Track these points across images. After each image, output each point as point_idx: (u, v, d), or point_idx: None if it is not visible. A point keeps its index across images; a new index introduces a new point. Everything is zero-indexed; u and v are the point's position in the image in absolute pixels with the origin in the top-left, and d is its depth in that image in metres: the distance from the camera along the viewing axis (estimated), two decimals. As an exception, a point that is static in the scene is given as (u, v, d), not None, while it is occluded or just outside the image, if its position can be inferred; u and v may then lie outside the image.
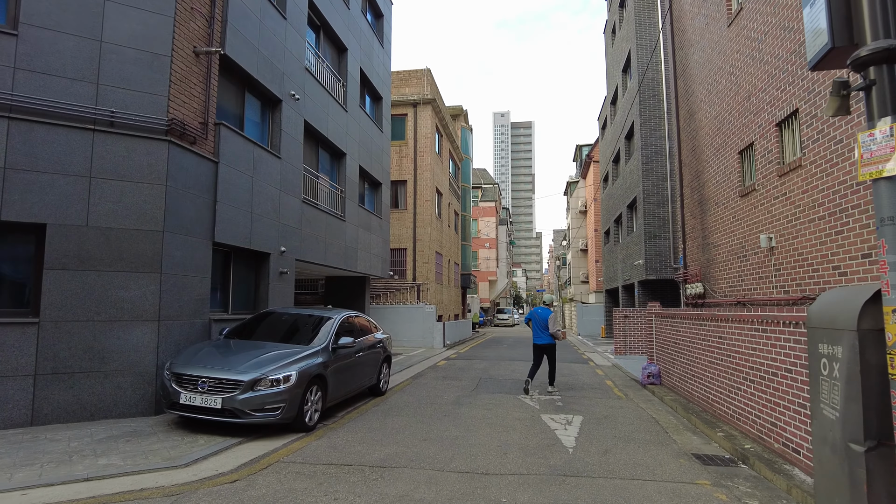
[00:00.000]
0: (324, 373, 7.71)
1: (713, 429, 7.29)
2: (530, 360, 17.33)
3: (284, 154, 11.87)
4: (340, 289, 18.72)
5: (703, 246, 11.33)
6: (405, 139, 23.51)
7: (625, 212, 23.53)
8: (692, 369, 9.03)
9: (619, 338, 17.89)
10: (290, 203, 12.03)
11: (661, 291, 20.84)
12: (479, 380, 12.47)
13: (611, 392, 11.08)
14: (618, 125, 25.11)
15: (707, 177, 11.04)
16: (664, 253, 19.46)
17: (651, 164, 19.93)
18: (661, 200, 19.69)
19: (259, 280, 11.18)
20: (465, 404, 9.36)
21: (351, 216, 15.82)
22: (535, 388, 11.34)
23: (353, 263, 15.95)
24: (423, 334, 21.56)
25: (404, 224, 22.91)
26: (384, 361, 10.42)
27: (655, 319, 11.88)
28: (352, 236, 15.84)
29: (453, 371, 14.20)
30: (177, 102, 8.52)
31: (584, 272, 40.16)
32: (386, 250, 19.36)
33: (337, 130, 14.91)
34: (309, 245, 12.96)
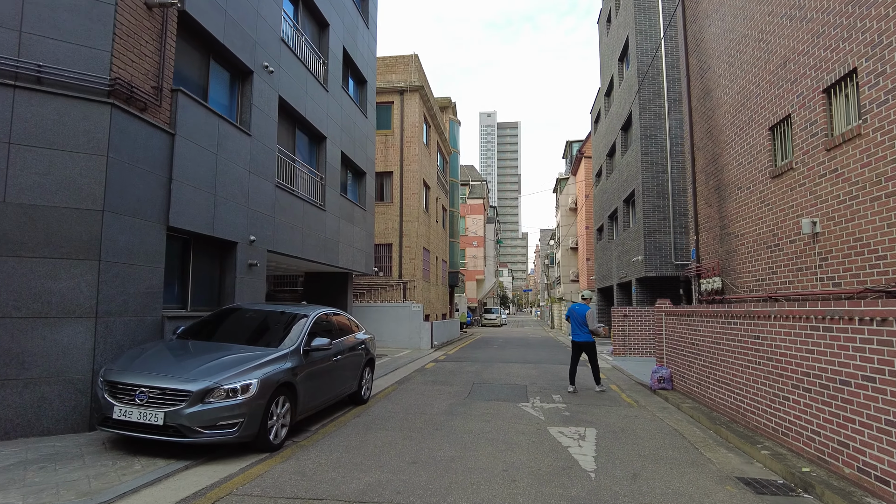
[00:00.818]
0: (293, 380, 6.47)
1: (752, 445, 6.19)
2: (524, 362, 16.33)
3: (255, 131, 10.59)
4: (321, 286, 17.42)
5: (720, 237, 10.29)
6: (391, 128, 22.28)
7: (620, 206, 22.55)
8: (716, 373, 7.95)
9: (618, 338, 16.85)
10: (261, 187, 10.75)
11: (660, 289, 19.87)
12: (472, 384, 11.29)
13: (619, 398, 9.98)
14: (613, 116, 24.13)
15: (727, 159, 10.00)
16: (664, 248, 18.47)
17: (651, 155, 18.93)
18: (661, 193, 18.70)
19: (224, 273, 9.88)
20: (459, 414, 8.17)
21: (332, 206, 14.55)
22: (536, 394, 10.20)
23: (334, 257, 14.69)
24: (409, 334, 20.34)
25: (390, 218, 21.68)
26: (366, 365, 9.20)
27: (666, 318, 10.81)
28: (332, 228, 14.57)
29: (443, 374, 13.02)
30: (123, 61, 7.22)
31: (574, 270, 39.21)
32: (370, 245, 18.12)
33: (316, 111, 13.64)
34: (283, 235, 11.69)
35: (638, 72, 19.33)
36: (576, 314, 10.65)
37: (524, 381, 11.86)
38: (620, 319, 16.88)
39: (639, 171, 19.19)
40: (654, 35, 19.24)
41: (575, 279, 39.01)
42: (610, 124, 25.07)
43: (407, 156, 21.95)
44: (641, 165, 18.90)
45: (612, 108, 24.44)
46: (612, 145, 24.56)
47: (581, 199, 36.34)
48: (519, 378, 12.41)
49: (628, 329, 16.80)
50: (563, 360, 16.83)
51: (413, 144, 22.00)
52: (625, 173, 21.62)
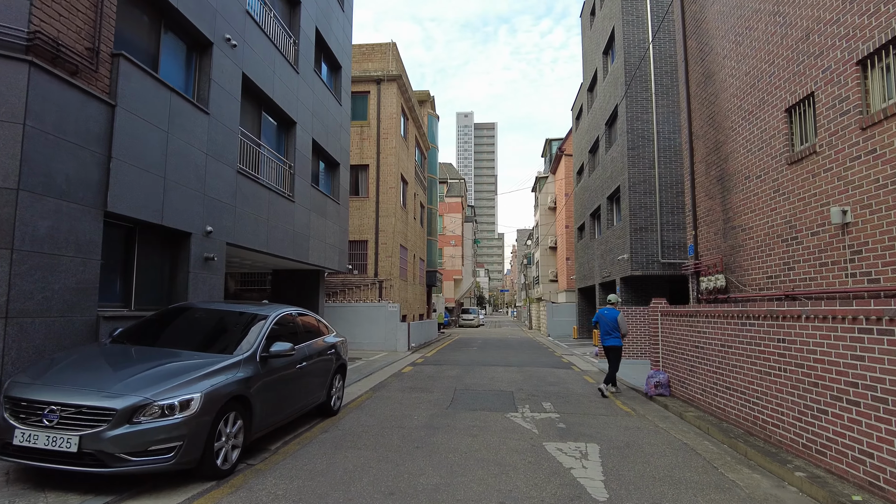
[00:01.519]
0: (247, 392, 5.44)
1: (781, 464, 5.39)
2: (507, 365, 15.42)
3: (215, 110, 9.48)
4: (290, 284, 16.28)
5: (723, 231, 9.56)
6: (367, 119, 21.21)
7: (604, 204, 21.89)
8: (726, 380, 7.17)
9: (605, 340, 16.08)
10: (220, 172, 9.64)
11: (645, 289, 19.24)
12: (453, 391, 10.35)
13: (614, 406, 9.16)
14: (597, 111, 23.49)
15: (732, 147, 9.27)
16: (651, 246, 17.83)
17: (637, 150, 18.28)
18: (648, 189, 18.06)
19: (176, 267, 8.75)
20: (442, 428, 7.22)
21: (301, 197, 13.46)
22: (525, 401, 9.31)
23: (304, 253, 13.59)
24: (385, 336, 19.31)
25: (365, 213, 20.61)
26: (337, 372, 8.18)
27: (663, 319, 10.05)
28: (302, 221, 13.48)
29: (422, 380, 12.05)
30: (48, 13, 6.10)
31: (553, 270, 38.62)
32: (344, 241, 17.04)
33: (285, 93, 12.55)
34: (246, 226, 10.58)
35: (625, 63, 18.66)
36: (605, 319, 10.35)
37: (510, 387, 10.98)
38: (607, 320, 16.12)
39: (625, 166, 18.52)
40: (642, 25, 18.61)
41: (554, 279, 38.43)
42: (593, 120, 24.44)
43: (384, 148, 20.91)
44: (628, 161, 18.23)
45: (596, 102, 23.81)
46: (595, 141, 23.91)
47: (561, 198, 35.76)
48: (504, 383, 11.53)
49: (615, 330, 16.04)
50: (547, 363, 16.01)
51: (390, 136, 20.98)
52: (609, 169, 20.97)
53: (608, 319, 10.34)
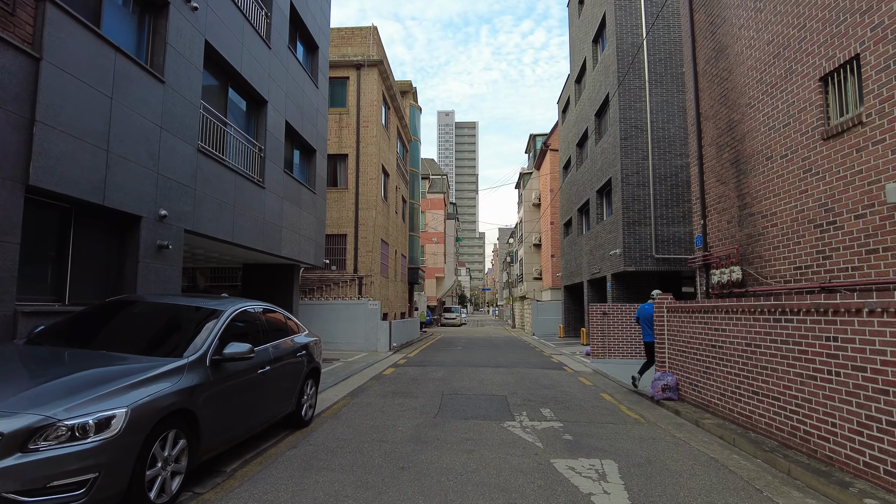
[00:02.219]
0: (192, 405, 4.38)
1: (842, 487, 4.50)
2: (496, 366, 14.42)
3: (172, 79, 8.32)
4: (262, 280, 15.11)
5: (739, 219, 8.72)
6: (346, 106, 20.08)
7: (593, 198, 21.10)
8: (754, 384, 6.31)
9: (597, 338, 15.27)
10: (178, 149, 8.48)
11: (638, 285, 18.48)
12: (441, 396, 9.34)
13: (620, 412, 8.25)
14: (586, 102, 22.70)
15: (750, 125, 8.43)
16: (645, 241, 17.05)
17: (630, 140, 17.49)
18: (641, 181, 17.28)
19: (124, 256, 7.58)
20: (431, 442, 6.21)
21: (273, 183, 12.32)
22: (521, 408, 8.34)
23: (276, 245, 12.45)
24: (365, 335, 18.22)
25: (344, 206, 19.48)
26: (309, 376, 7.12)
27: (670, 316, 9.18)
28: (274, 209, 12.34)
29: (405, 383, 11.02)
30: (-54, -62, 4.92)
31: (537, 268, 37.85)
32: (321, 233, 15.91)
33: (255, 69, 11.40)
34: (208, 212, 9.43)
35: (617, 50, 17.85)
36: (646, 314, 10.20)
37: (502, 391, 10.01)
38: (599, 318, 15.31)
39: (617, 157, 17.72)
40: (635, 10, 17.83)
41: (538, 277, 37.67)
42: (581, 111, 23.65)
43: (364, 137, 19.80)
44: (620, 151, 17.43)
45: (584, 93, 23.01)
46: (584, 133, 23.12)
47: (545, 194, 34.98)
48: (495, 386, 10.56)
49: (608, 328, 15.24)
50: (538, 364, 15.10)
51: (371, 125, 19.88)
52: (599, 162, 20.17)
53: (648, 315, 10.11)
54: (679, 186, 17.14)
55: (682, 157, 17.23)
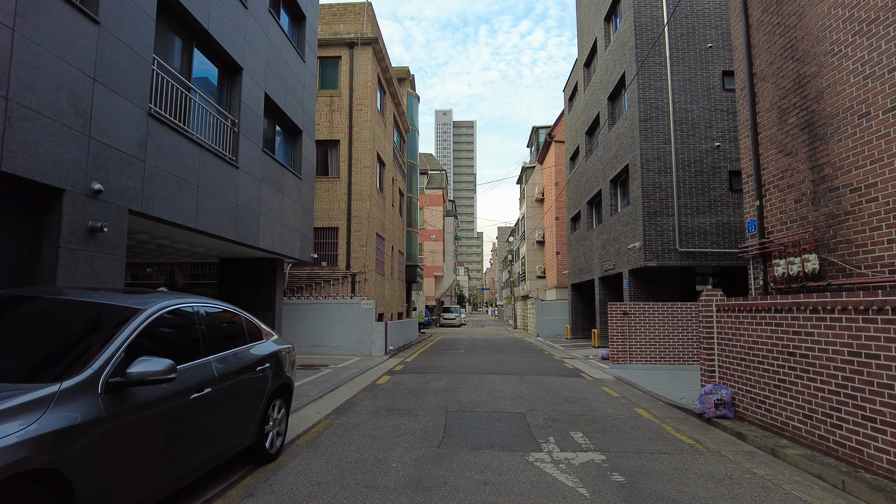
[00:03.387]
0: (58, 462, 2.74)
1: None
2: (505, 373, 12.64)
3: (110, 21, 6.66)
4: (241, 276, 13.45)
5: (813, 196, 7.12)
6: (338, 88, 18.44)
7: (606, 188, 19.48)
8: (869, 407, 4.70)
9: (617, 341, 13.66)
10: (119, 109, 6.82)
11: (657, 282, 16.88)
12: (444, 414, 7.71)
13: (668, 436, 6.63)
14: (597, 86, 21.08)
15: (833, 78, 6.81)
16: (667, 233, 15.45)
17: (650, 122, 15.88)
18: (663, 167, 15.67)
19: (40, 239, 5.92)
20: (436, 488, 4.58)
21: (249, 163, 10.67)
22: (546, 430, 6.72)
23: (251, 235, 10.80)
24: (359, 338, 16.58)
25: (336, 196, 17.84)
26: (276, 395, 5.49)
27: (721, 316, 7.57)
28: (250, 194, 10.70)
29: (402, 395, 9.39)
30: None
31: (540, 266, 36.24)
32: (308, 224, 14.27)
33: (227, 29, 9.76)
34: (163, 191, 7.77)
35: (635, 23, 16.24)
36: None
37: (517, 406, 8.38)
38: (619, 318, 13.70)
39: (636, 141, 16.11)
40: (655, -20, 16.20)
41: (541, 275, 36.06)
42: (591, 96, 22.04)
43: (357, 121, 18.16)
44: (640, 134, 15.81)
45: (595, 76, 21.40)
46: (595, 119, 21.51)
47: (550, 188, 33.37)
48: (508, 400, 8.92)
49: (629, 330, 13.64)
50: (551, 370, 13.47)
51: (365, 108, 18.24)
52: (613, 148, 18.56)
53: None
54: (704, 173, 15.55)
55: (708, 141, 15.63)
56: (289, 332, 16.52)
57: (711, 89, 15.83)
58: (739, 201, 15.45)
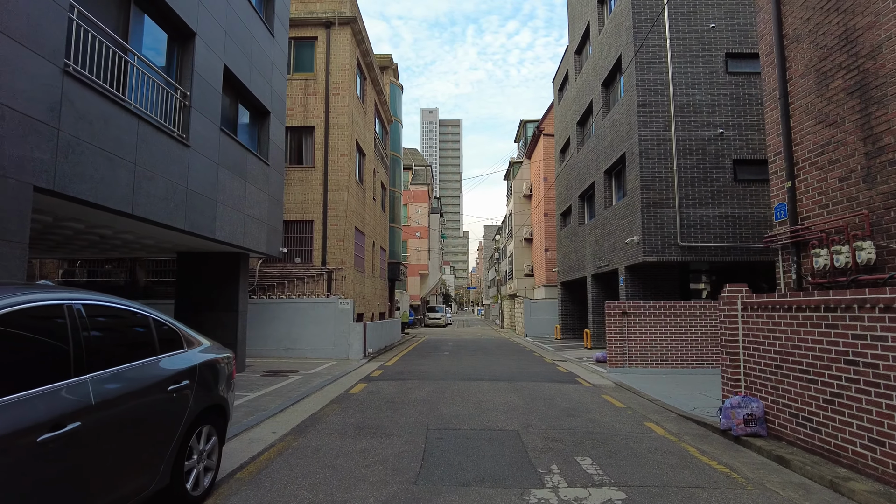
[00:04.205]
0: None
1: None
2: (493, 379, 11.12)
3: (3, -50, 5.32)
4: (199, 273, 12.09)
5: (867, 171, 6.01)
6: (314, 71, 17.12)
7: (600, 180, 18.40)
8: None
9: (615, 343, 12.53)
10: (19, 62, 5.48)
11: (655, 279, 15.82)
12: (424, 433, 6.49)
13: (693, 460, 5.48)
14: (590, 72, 19.99)
15: (891, 30, 5.71)
16: (668, 226, 14.38)
17: (649, 108, 14.80)
18: (663, 155, 14.60)
19: None
20: (409, 552, 3.35)
21: (204, 143, 9.34)
22: (547, 455, 5.53)
23: (206, 224, 9.48)
24: (335, 340, 15.29)
25: (311, 187, 16.51)
26: (202, 420, 4.22)
27: (748, 316, 6.46)
28: (205, 177, 9.37)
29: (376, 408, 8.14)
30: None
31: (528, 264, 35.16)
32: (276, 216, 12.95)
33: (174, -16, 8.42)
34: (88, 167, 6.44)
35: (633, 0, 15.14)
36: None
37: (510, 422, 7.19)
38: (617, 318, 12.58)
39: (633, 128, 15.02)
40: (654, -45, 15.12)
41: (529, 273, 34.99)
42: (584, 84, 20.95)
43: (334, 106, 16.85)
44: (638, 120, 14.72)
45: (588, 63, 20.31)
46: (587, 108, 20.42)
47: (538, 184, 32.29)
48: (499, 414, 7.73)
49: (628, 331, 12.53)
50: (544, 375, 12.31)
51: (343, 92, 16.94)
52: (608, 137, 17.47)
53: None
54: (706, 162, 14.50)
55: (710, 127, 14.58)
56: (257, 334, 15.17)
57: (714, 72, 14.79)
58: (744, 192, 14.43)
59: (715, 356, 12.33)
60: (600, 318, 19.45)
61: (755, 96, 14.65)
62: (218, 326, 11.80)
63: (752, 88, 14.69)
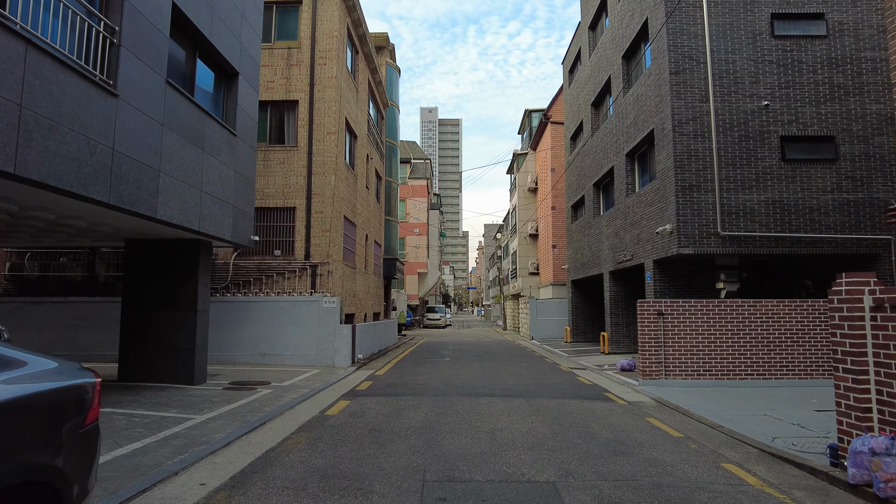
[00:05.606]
0: None
1: None
2: (506, 395, 9.05)
3: None
4: (150, 264, 10.04)
5: None
6: (298, 39, 15.10)
7: (621, 164, 16.38)
8: None
9: (650, 350, 10.51)
10: None
11: (688, 274, 13.85)
12: (420, 490, 4.46)
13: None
14: (607, 46, 17.97)
15: None
16: (706, 212, 12.36)
17: (684, 76, 12.78)
18: (700, 130, 12.58)
19: None
20: None
21: (139, 94, 7.30)
22: None
23: (143, 198, 7.43)
24: (318, 344, 13.26)
25: (293, 169, 14.48)
26: None
27: (884, 318, 4.45)
28: (141, 138, 7.32)
29: (354, 443, 6.10)
30: None
31: (533, 262, 33.12)
32: (246, 197, 10.92)
33: None
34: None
35: (664, -46, 13.12)
36: None
37: (542, 467, 5.15)
38: (651, 320, 10.57)
39: (665, 100, 13.00)
40: None
41: (535, 271, 32.97)
42: (600, 60, 18.93)
43: (321, 77, 14.82)
44: (670, 91, 12.70)
45: (605, 36, 18.28)
46: (605, 86, 18.40)
47: (544, 175, 30.24)
48: (523, 452, 5.68)
49: (664, 335, 10.52)
50: (566, 389, 10.29)
51: (330, 62, 14.91)
52: (632, 114, 15.45)
53: None
54: (750, 139, 12.49)
55: (754, 99, 12.57)
56: (229, 337, 13.14)
57: (758, 36, 12.78)
58: (793, 174, 12.42)
59: (766, 365, 10.33)
60: (619, 320, 17.43)
61: (806, 63, 12.63)
62: (173, 329, 9.77)
63: (802, 54, 12.67)
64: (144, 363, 9.72)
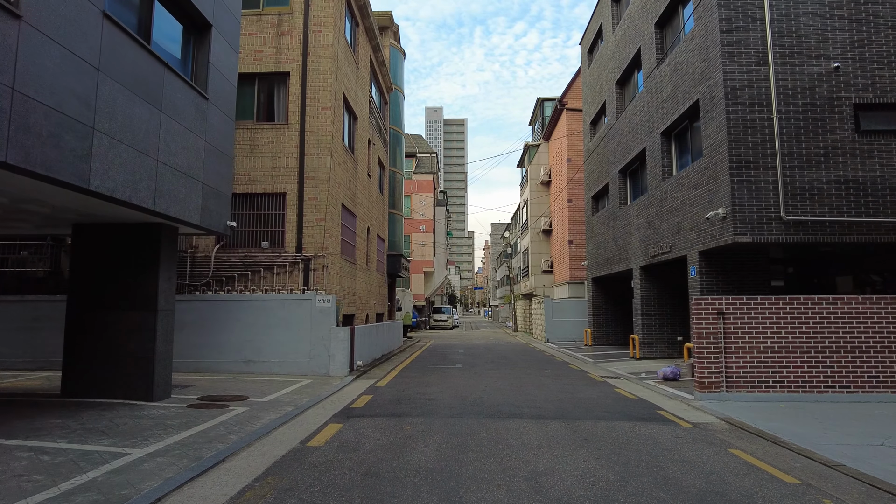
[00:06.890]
0: None
1: None
2: (540, 417, 7.14)
3: None
4: (104, 254, 8.26)
5: None
6: (289, 4, 13.36)
7: (655, 145, 14.52)
8: None
9: (708, 357, 8.66)
10: None
11: (740, 269, 12.00)
12: None
13: None
14: (636, 17, 16.10)
15: None
16: (765, 194, 10.51)
17: (736, 35, 10.92)
18: (757, 98, 10.72)
19: None
20: None
21: (60, 23, 5.52)
22: None
23: (66, 163, 5.66)
24: (311, 350, 11.47)
25: (283, 149, 12.71)
26: None
27: None
28: (61, 81, 5.54)
29: (344, 493, 4.30)
30: None
31: (547, 259, 31.24)
32: (220, 174, 9.14)
33: None
34: None
35: None
36: None
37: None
38: (710, 321, 8.72)
39: (714, 63, 11.14)
40: None
41: (549, 269, 31.08)
42: (627, 33, 17.06)
43: (314, 46, 13.07)
44: (721, 52, 10.84)
45: (634, 4, 16.39)
46: (633, 60, 16.54)
47: (559, 167, 28.36)
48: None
49: (726, 339, 8.66)
50: (607, 404, 8.45)
51: (326, 30, 13.15)
52: (668, 87, 13.59)
53: None
54: (816, 107, 10.62)
55: (822, 61, 10.70)
56: (209, 341, 11.37)
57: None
58: (871, 148, 10.54)
59: (851, 375, 8.46)
60: (651, 321, 15.56)
61: (884, 17, 10.75)
62: (128, 332, 8.00)
63: (879, 7, 10.78)
64: (92, 374, 7.96)
